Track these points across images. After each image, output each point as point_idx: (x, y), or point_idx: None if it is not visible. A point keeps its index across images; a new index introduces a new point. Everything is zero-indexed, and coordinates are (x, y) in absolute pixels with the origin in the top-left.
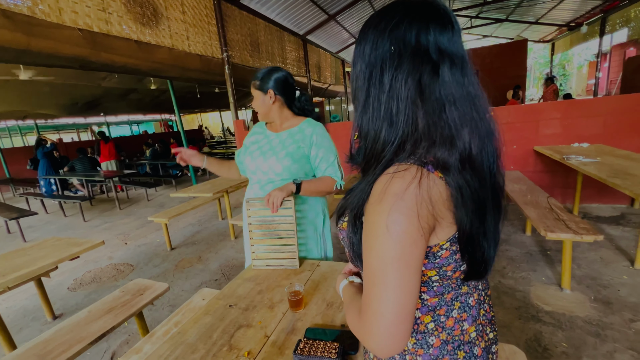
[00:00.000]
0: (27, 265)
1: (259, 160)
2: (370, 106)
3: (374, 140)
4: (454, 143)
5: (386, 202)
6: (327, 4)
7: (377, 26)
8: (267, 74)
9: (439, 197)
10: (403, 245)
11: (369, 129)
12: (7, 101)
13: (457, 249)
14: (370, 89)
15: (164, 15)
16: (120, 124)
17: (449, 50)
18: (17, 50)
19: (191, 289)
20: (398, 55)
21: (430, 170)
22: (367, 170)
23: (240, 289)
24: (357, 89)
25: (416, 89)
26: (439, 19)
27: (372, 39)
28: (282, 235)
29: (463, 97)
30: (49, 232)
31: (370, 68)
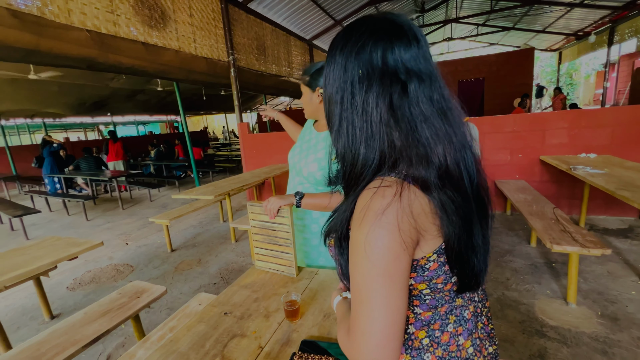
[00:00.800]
0: (25, 264)
1: (296, 158)
2: (345, 129)
3: (352, 162)
4: (430, 160)
5: (367, 218)
6: (334, 10)
7: (343, 48)
8: (318, 70)
9: (420, 211)
10: (386, 260)
11: (346, 151)
12: (17, 99)
13: (445, 261)
14: (343, 113)
15: (171, 18)
16: (126, 124)
17: (415, 68)
18: (26, 50)
19: (189, 292)
20: (367, 77)
21: (411, 182)
22: (348, 191)
23: (236, 296)
24: (330, 112)
25: (388, 110)
26: (403, 37)
27: (340, 62)
28: (280, 243)
29: (434, 113)
30: (52, 230)
31: (341, 92)
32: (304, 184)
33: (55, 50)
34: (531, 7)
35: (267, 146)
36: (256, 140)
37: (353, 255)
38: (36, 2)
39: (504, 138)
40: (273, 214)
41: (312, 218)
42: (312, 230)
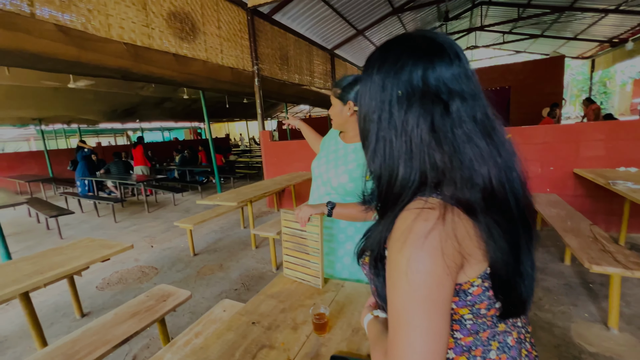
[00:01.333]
0: (62, 264)
1: (322, 168)
2: (382, 149)
3: (389, 182)
4: (474, 182)
5: (410, 242)
6: (356, 19)
7: (381, 68)
8: (350, 83)
9: (465, 234)
10: (429, 285)
11: (383, 171)
12: (56, 107)
13: (490, 285)
14: (380, 132)
15: (200, 30)
16: (152, 130)
17: (457, 87)
18: (70, 62)
19: (211, 297)
20: (407, 98)
21: (454, 205)
22: (384, 212)
23: (263, 305)
24: (365, 130)
25: (429, 131)
26: (444, 55)
27: (377, 82)
28: (309, 252)
29: (478, 133)
30: (83, 230)
31: (378, 111)
32: (331, 194)
33: (94, 61)
34: (562, 14)
35: (288, 154)
36: (278, 147)
37: (392, 277)
38: (80, 18)
39: (534, 150)
40: (304, 221)
41: (340, 227)
42: (339, 240)
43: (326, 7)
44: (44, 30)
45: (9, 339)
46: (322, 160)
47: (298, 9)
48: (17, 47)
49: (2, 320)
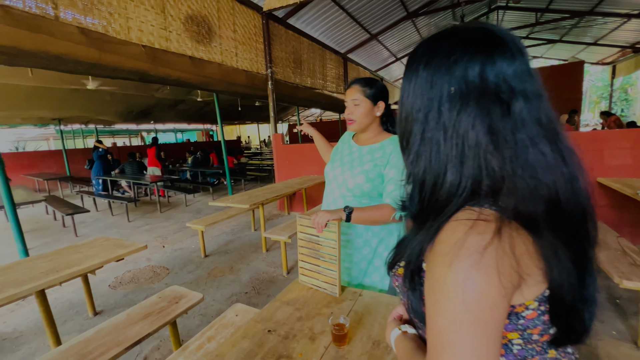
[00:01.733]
0: (78, 262)
1: (337, 171)
2: (428, 152)
3: (434, 188)
4: (537, 193)
5: (461, 257)
6: (370, 24)
7: (429, 62)
8: (376, 82)
9: (524, 252)
10: (481, 307)
11: (427, 175)
12: (75, 107)
13: (547, 309)
14: (426, 133)
15: (216, 34)
16: (166, 132)
17: (520, 85)
18: (90, 64)
19: (222, 299)
20: (460, 96)
21: (512, 218)
22: (423, 220)
23: (279, 312)
24: (406, 131)
25: (486, 134)
26: (506, 50)
27: (424, 77)
28: (325, 258)
29: (542, 138)
30: (97, 229)
31: (425, 110)
32: (346, 197)
33: (114, 63)
34: (581, 18)
35: (300, 157)
36: (289, 150)
37: (436, 295)
38: (102, 21)
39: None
40: (321, 227)
41: (357, 232)
42: (356, 245)
43: (341, 11)
44: (67, 32)
45: (25, 334)
46: (337, 163)
47: (312, 13)
48: (41, 49)
49: (19, 316)
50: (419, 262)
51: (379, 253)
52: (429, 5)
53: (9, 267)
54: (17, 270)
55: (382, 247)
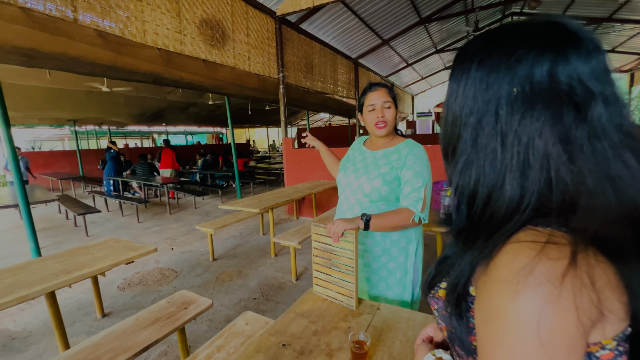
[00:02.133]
0: (88, 264)
1: (350, 177)
2: (481, 160)
3: (487, 202)
4: (622, 214)
5: (530, 286)
6: (382, 29)
7: (484, 60)
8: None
9: (605, 283)
10: (556, 348)
11: (479, 187)
12: (90, 109)
13: (626, 350)
14: (480, 140)
15: (230, 37)
16: (177, 134)
17: (599, 87)
18: (106, 66)
19: (230, 304)
20: (524, 99)
21: (588, 241)
22: (471, 237)
23: (293, 325)
24: (453, 137)
25: (558, 142)
26: (581, 46)
27: (479, 77)
28: (342, 269)
29: (625, 146)
30: (108, 229)
31: (478, 114)
32: (362, 203)
33: (129, 66)
34: (599, 25)
35: (310, 162)
36: (299, 155)
37: (494, 327)
38: (119, 24)
39: None
40: (337, 236)
41: (375, 240)
42: (374, 253)
43: (353, 16)
44: (84, 35)
45: (33, 334)
46: (350, 169)
47: (325, 18)
48: (60, 51)
49: (29, 315)
50: (467, 286)
51: (401, 263)
52: (442, 11)
53: (21, 267)
54: (28, 270)
55: (402, 257)
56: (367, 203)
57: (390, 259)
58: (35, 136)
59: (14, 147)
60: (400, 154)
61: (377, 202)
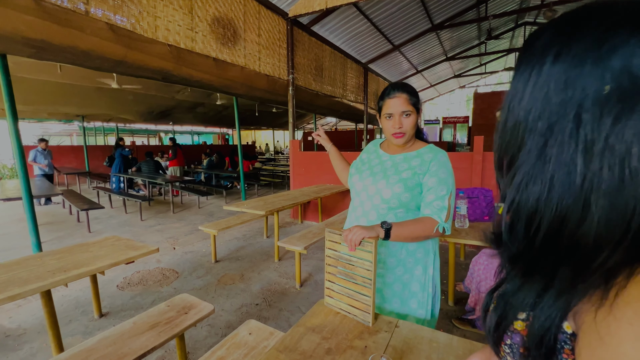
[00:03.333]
0: (86, 263)
1: (367, 181)
2: (549, 174)
3: (558, 227)
4: None
5: None
6: (394, 35)
7: (562, 52)
8: (413, 88)
9: None
10: None
11: (543, 207)
12: (99, 105)
13: None
14: (549, 149)
15: (241, 37)
16: (183, 133)
17: None
18: (115, 61)
19: (231, 309)
20: (620, 98)
21: None
22: (536, 267)
23: (304, 341)
24: (511, 146)
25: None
26: None
27: (555, 75)
28: (357, 281)
29: None
30: (111, 226)
31: (550, 119)
32: (379, 209)
33: (139, 62)
34: None
35: (317, 165)
36: (306, 158)
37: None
38: (131, 19)
39: None
40: (355, 245)
41: (390, 250)
42: (389, 265)
43: (365, 20)
44: (95, 28)
45: (28, 332)
46: (366, 173)
47: (337, 21)
48: (70, 43)
49: (25, 312)
50: (555, 338)
51: (417, 276)
52: (454, 18)
53: (17, 263)
54: (24, 267)
55: (419, 269)
56: (385, 210)
57: (405, 271)
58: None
59: (20, 140)
60: (422, 159)
61: (396, 209)
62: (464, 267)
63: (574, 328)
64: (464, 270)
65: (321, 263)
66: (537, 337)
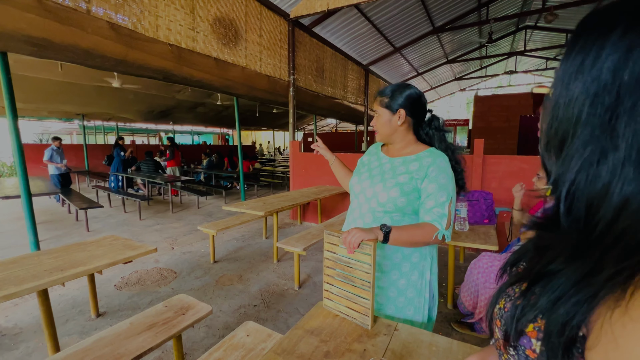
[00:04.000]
0: (84, 262)
1: (365, 184)
2: (615, 155)
3: (617, 213)
4: None
5: None
6: (395, 37)
7: (635, 24)
8: (398, 90)
9: None
10: None
11: (604, 190)
12: (99, 104)
13: None
14: (621, 126)
15: (242, 37)
16: (183, 133)
17: None
18: (116, 60)
19: (229, 310)
20: None
21: None
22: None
23: (302, 344)
24: (565, 123)
25: None
26: None
27: (625, 46)
28: (356, 284)
29: None
30: (109, 225)
31: (616, 90)
32: (375, 212)
33: (139, 61)
34: None
35: (317, 166)
36: (306, 159)
37: None
38: (132, 18)
39: None
40: (353, 247)
41: (385, 254)
42: (384, 269)
43: (366, 22)
44: (97, 27)
45: (25, 331)
46: (364, 175)
47: (338, 23)
48: (71, 42)
49: (22, 311)
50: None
51: (413, 281)
52: (455, 21)
53: (14, 262)
54: (21, 265)
55: (415, 274)
56: (381, 213)
57: (401, 276)
58: (44, 129)
59: (19, 138)
60: (421, 164)
61: (392, 212)
62: (463, 270)
63: (584, 331)
64: (462, 274)
65: (320, 264)
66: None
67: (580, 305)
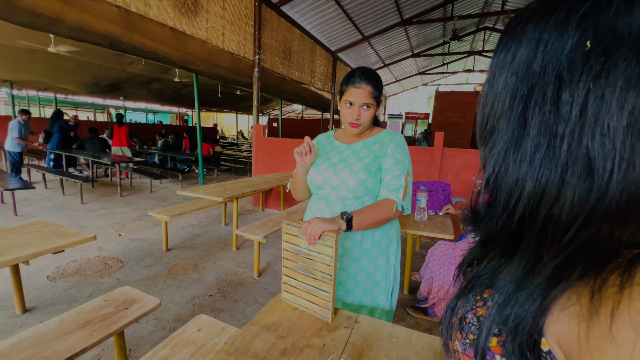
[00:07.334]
0: (2, 252)
1: (327, 174)
2: (529, 143)
3: (538, 200)
4: None
5: None
6: (364, 25)
7: (546, 16)
8: (379, 80)
9: None
10: None
11: (527, 175)
12: (32, 70)
13: None
14: (531, 116)
15: (203, 8)
16: (136, 111)
17: None
18: (49, 18)
19: (182, 301)
20: (602, 54)
21: None
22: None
23: (257, 341)
24: (492, 115)
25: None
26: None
27: (536, 38)
28: (317, 276)
29: None
30: (44, 209)
31: (531, 81)
32: (345, 199)
33: (80, 22)
34: None
35: (281, 152)
36: (270, 144)
37: None
38: None
39: None
40: (314, 239)
41: (355, 240)
42: (354, 255)
43: (336, 6)
44: None
45: None
46: (324, 165)
47: (308, 4)
48: None
49: None
50: (533, 332)
51: (380, 265)
52: (423, 15)
53: None
54: None
55: (382, 258)
56: (351, 200)
57: (370, 261)
58: None
59: None
60: (382, 143)
61: (363, 197)
62: (419, 257)
63: (550, 345)
64: (418, 260)
65: (281, 252)
66: (510, 343)
67: (528, 305)
